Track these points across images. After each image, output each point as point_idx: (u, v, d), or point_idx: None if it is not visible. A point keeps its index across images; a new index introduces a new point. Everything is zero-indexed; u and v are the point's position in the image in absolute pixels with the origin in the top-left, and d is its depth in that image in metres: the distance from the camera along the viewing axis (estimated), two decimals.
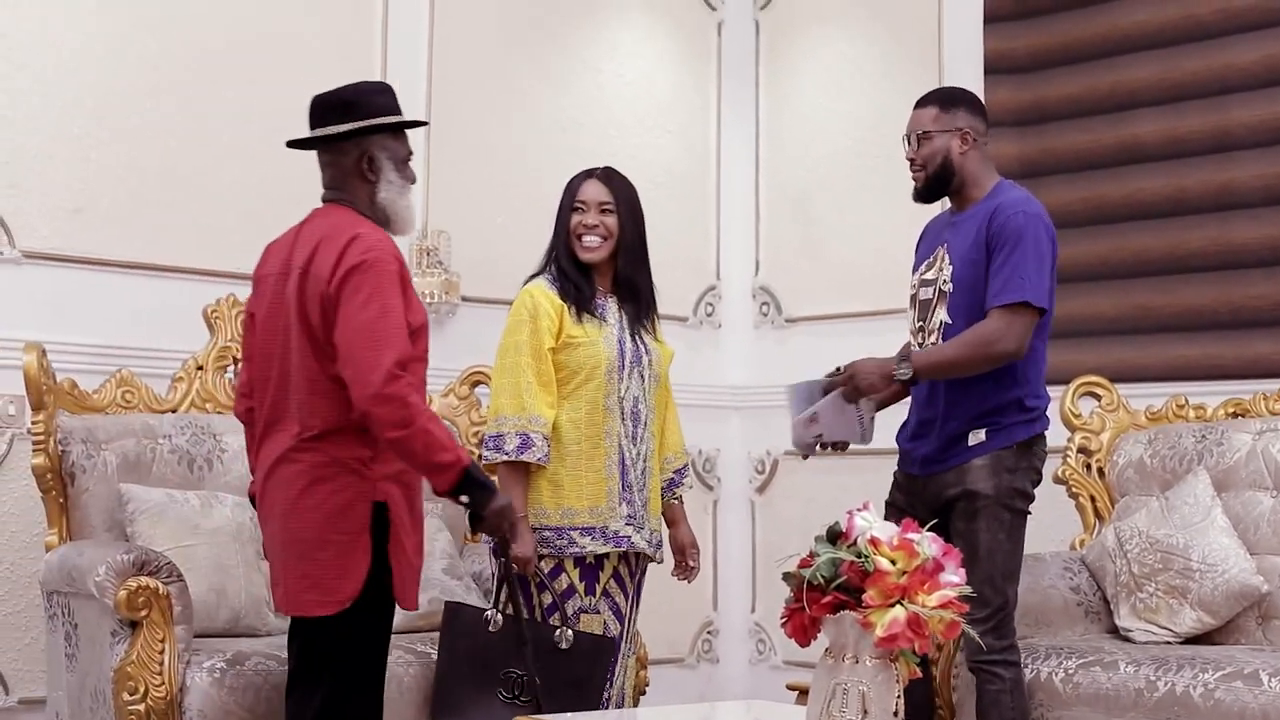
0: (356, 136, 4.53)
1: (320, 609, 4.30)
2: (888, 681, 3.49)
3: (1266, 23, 6.25)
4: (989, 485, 4.89)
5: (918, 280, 5.14)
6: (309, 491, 4.33)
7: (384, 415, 4.21)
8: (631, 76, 7.45)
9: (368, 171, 4.54)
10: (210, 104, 6.16)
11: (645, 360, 5.07)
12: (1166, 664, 4.87)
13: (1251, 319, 6.24)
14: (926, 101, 5.20)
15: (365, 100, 4.57)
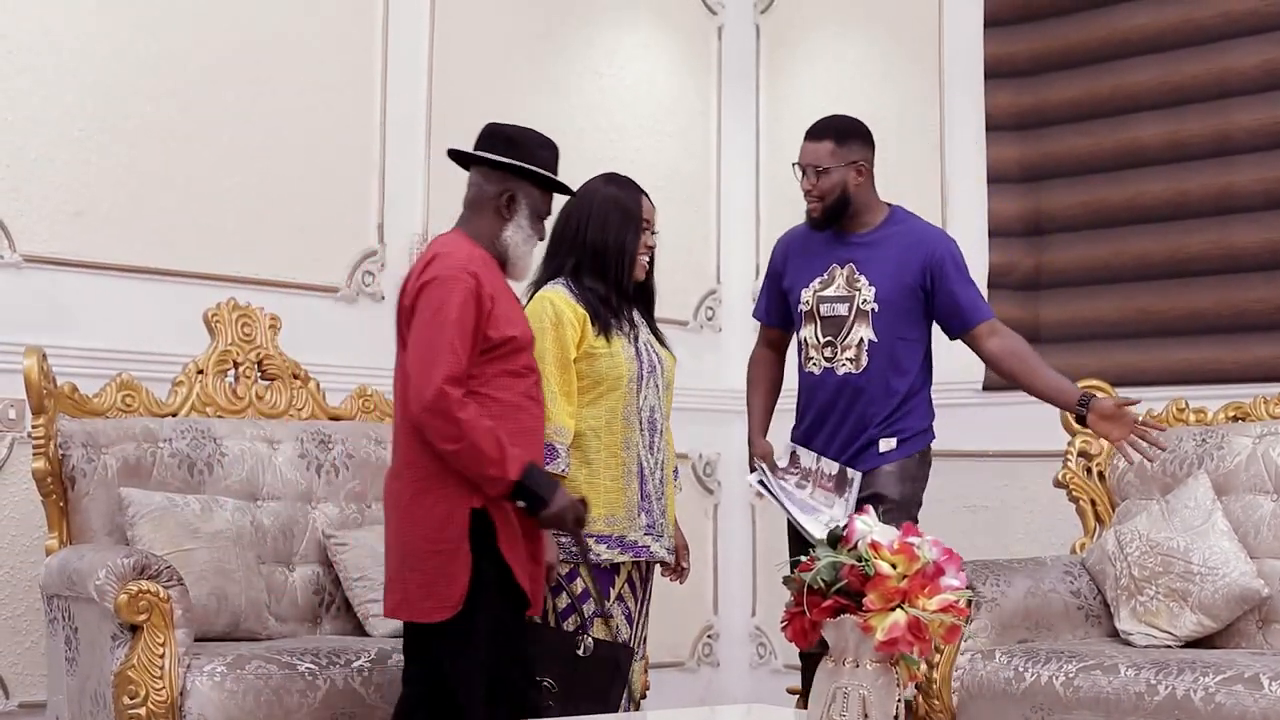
0: (507, 171, 4.71)
1: (435, 614, 4.49)
2: (888, 685, 3.50)
3: (1267, 27, 6.25)
4: (896, 491, 5.32)
5: (814, 296, 5.46)
6: (414, 503, 4.54)
7: (435, 429, 4.44)
8: (632, 80, 7.45)
9: (504, 208, 4.72)
10: (211, 107, 6.17)
11: (658, 369, 5.09)
12: (1167, 668, 4.87)
13: (1252, 323, 6.23)
14: (822, 135, 5.50)
15: (529, 146, 4.75)
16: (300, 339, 6.01)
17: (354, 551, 5.51)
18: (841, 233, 5.48)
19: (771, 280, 5.68)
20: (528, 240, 4.75)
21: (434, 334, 4.47)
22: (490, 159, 4.73)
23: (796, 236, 5.64)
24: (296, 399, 5.88)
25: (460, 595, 4.47)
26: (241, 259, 6.20)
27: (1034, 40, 6.87)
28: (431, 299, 4.51)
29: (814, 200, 5.45)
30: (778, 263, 5.64)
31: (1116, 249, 6.52)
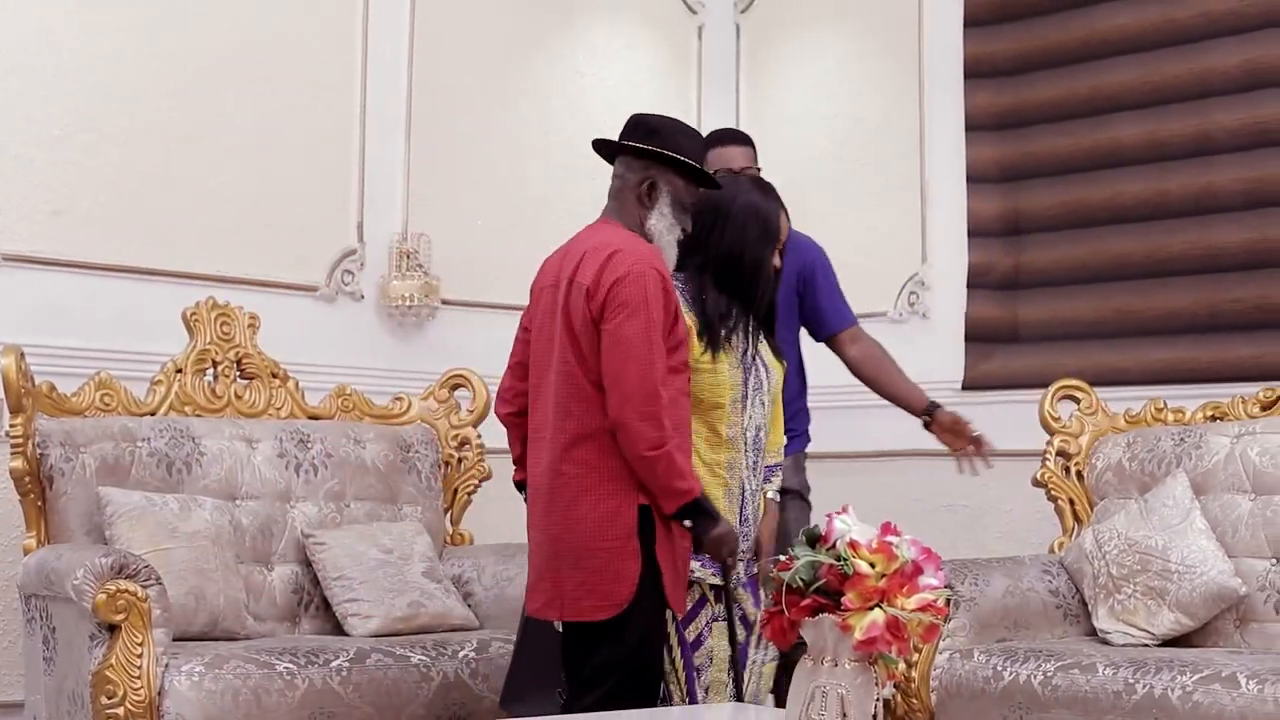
0: (649, 159, 4.67)
1: (598, 613, 4.45)
2: (866, 684, 3.49)
3: (1247, 26, 6.27)
4: (795, 481, 5.54)
5: None
6: (575, 503, 4.49)
7: (639, 432, 4.39)
8: (613, 79, 7.45)
9: (645, 196, 4.68)
10: (191, 108, 6.16)
11: (765, 385, 4.91)
12: (1145, 666, 4.87)
13: (1231, 322, 6.25)
14: (740, 140, 5.67)
15: (671, 134, 4.71)
16: (279, 338, 6.00)
17: (332, 551, 5.50)
18: None
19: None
20: (670, 229, 4.68)
21: (640, 331, 4.41)
22: (632, 146, 4.70)
23: None
24: (275, 398, 5.87)
25: (629, 593, 4.42)
26: (220, 258, 6.20)
27: (1013, 40, 6.88)
28: (630, 295, 4.43)
29: None
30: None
31: (1095, 249, 6.53)
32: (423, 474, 6.00)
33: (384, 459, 5.91)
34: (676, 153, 4.65)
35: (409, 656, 5.09)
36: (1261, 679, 4.62)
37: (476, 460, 6.11)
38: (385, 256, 6.62)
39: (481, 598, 5.72)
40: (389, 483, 5.90)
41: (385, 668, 5.01)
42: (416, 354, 6.65)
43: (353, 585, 5.43)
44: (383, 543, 5.59)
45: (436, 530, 5.94)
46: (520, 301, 6.88)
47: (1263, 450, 5.49)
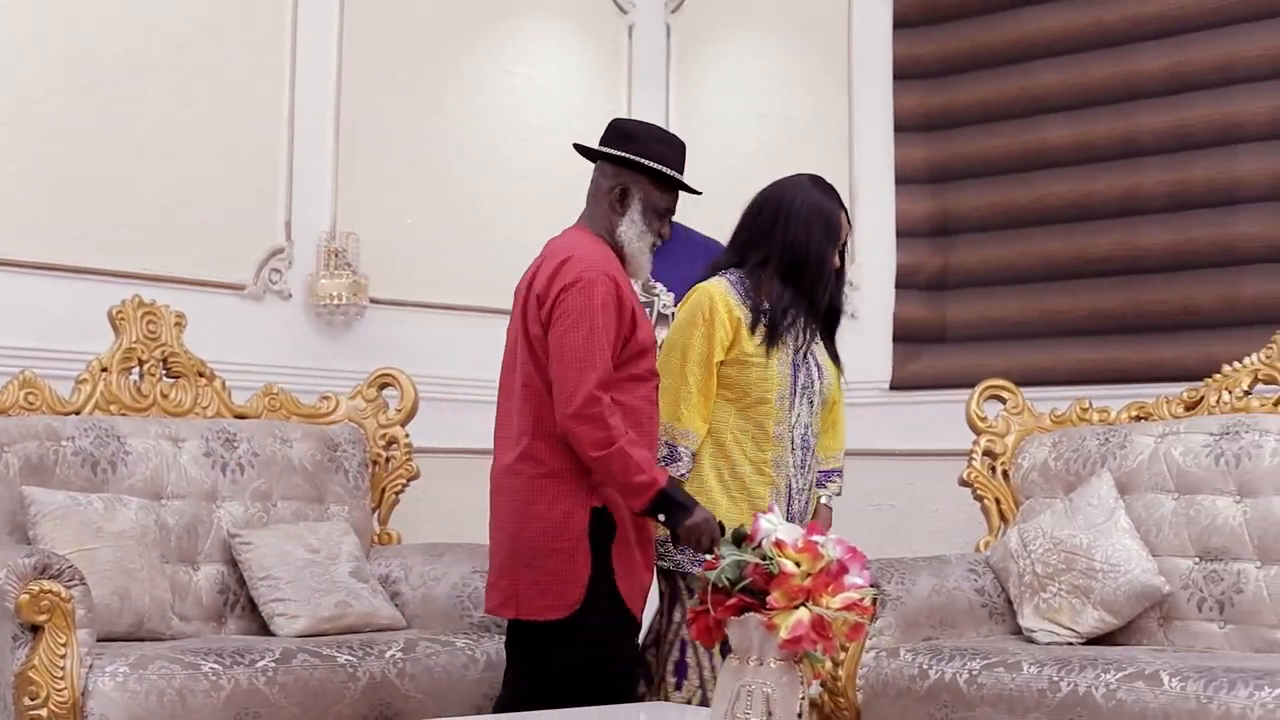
0: (621, 166, 4.68)
1: (550, 613, 4.51)
2: (792, 683, 3.50)
3: (1172, 30, 6.32)
4: None
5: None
6: (531, 502, 4.53)
7: (583, 435, 4.41)
8: (542, 79, 7.43)
9: (617, 203, 4.68)
10: (117, 104, 6.12)
11: (816, 385, 4.92)
12: (1069, 664, 4.90)
13: (1156, 323, 6.30)
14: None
15: (646, 140, 4.72)
16: (206, 337, 5.96)
17: (259, 551, 5.48)
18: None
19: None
20: (642, 237, 4.68)
21: (581, 340, 4.44)
22: (603, 152, 4.71)
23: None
24: (202, 397, 5.84)
25: (578, 595, 4.47)
26: (147, 256, 6.15)
27: (942, 42, 6.91)
28: (576, 303, 4.47)
29: None
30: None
31: (1023, 249, 6.56)
32: (350, 473, 5.97)
33: (311, 458, 5.88)
34: (652, 159, 4.67)
35: (335, 656, 5.06)
36: (1184, 677, 4.66)
37: (404, 460, 6.09)
38: (313, 255, 6.59)
39: (409, 597, 5.70)
40: (316, 482, 5.87)
41: (312, 668, 4.98)
42: (344, 353, 6.62)
43: (279, 585, 5.41)
44: (309, 542, 5.57)
45: (364, 530, 5.92)
46: (449, 300, 6.93)
47: (1186, 450, 5.54)
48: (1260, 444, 5.40)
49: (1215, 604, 5.36)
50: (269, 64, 6.53)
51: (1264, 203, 6.10)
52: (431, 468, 6.32)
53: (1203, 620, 5.37)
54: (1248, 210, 6.14)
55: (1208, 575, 5.40)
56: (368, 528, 5.98)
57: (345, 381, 6.27)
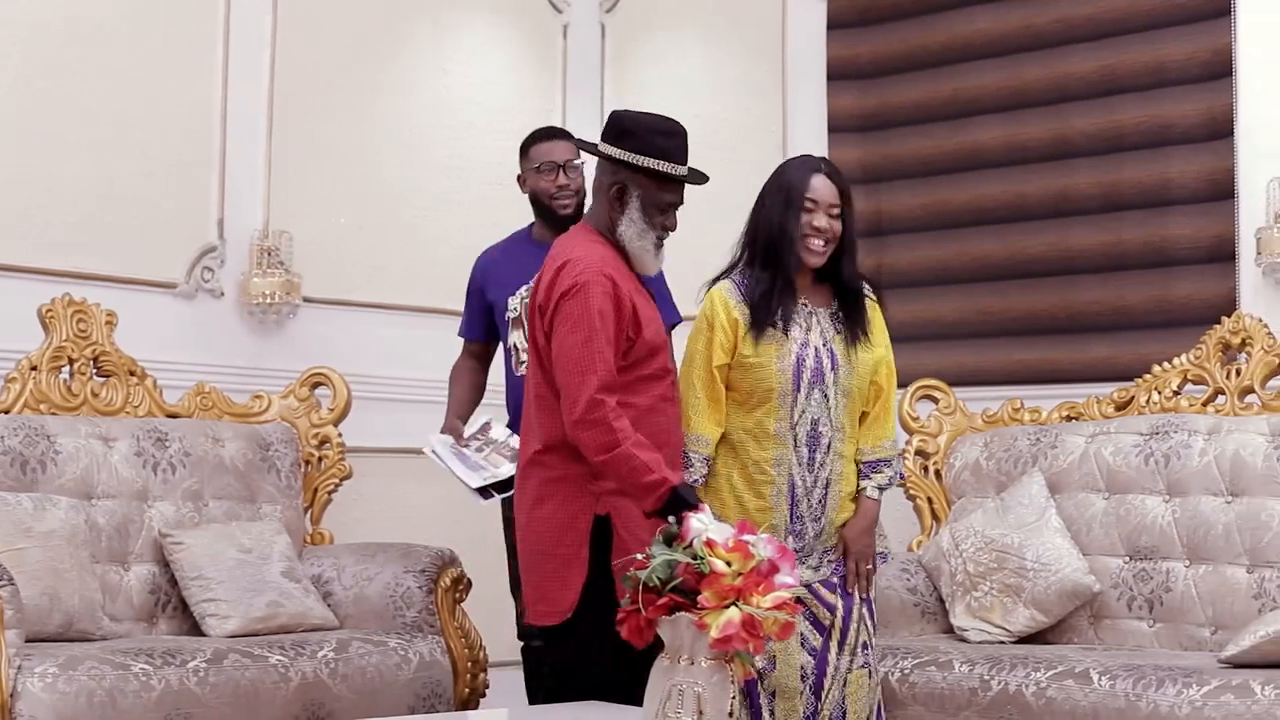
0: (619, 164, 4.58)
1: (547, 619, 4.50)
2: (722, 683, 3.51)
3: (1104, 33, 6.38)
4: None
5: (521, 304, 5.46)
6: (538, 506, 4.51)
7: (588, 440, 4.36)
8: (477, 78, 7.42)
9: (615, 201, 4.59)
10: (47, 100, 6.07)
11: (831, 376, 4.68)
12: (1000, 663, 4.94)
13: (1088, 323, 6.35)
14: (563, 134, 5.65)
15: (644, 134, 4.59)
16: (137, 335, 5.92)
17: (190, 551, 5.45)
18: (541, 243, 5.39)
19: (474, 298, 5.71)
20: (642, 234, 4.58)
21: (579, 345, 4.39)
22: (598, 149, 4.62)
23: (494, 253, 5.72)
24: (133, 396, 5.80)
25: (572, 601, 4.43)
26: (78, 254, 6.11)
27: (876, 43, 6.95)
28: (573, 308, 4.41)
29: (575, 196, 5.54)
30: (478, 280, 5.70)
31: (956, 250, 6.60)
32: (282, 473, 5.95)
33: (243, 458, 5.86)
34: (650, 154, 4.56)
35: (267, 657, 5.05)
36: (1113, 674, 4.71)
37: (337, 459, 6.07)
38: (246, 253, 6.56)
39: (341, 597, 5.68)
40: (248, 482, 5.85)
41: (243, 668, 4.97)
42: (277, 352, 6.59)
43: (211, 585, 5.38)
44: (241, 542, 5.55)
45: (296, 530, 5.90)
46: (382, 299, 6.91)
47: (1116, 450, 5.58)
48: (1189, 444, 5.45)
49: (1145, 602, 5.40)
50: (201, 61, 6.50)
51: (1194, 204, 6.15)
52: (364, 467, 6.31)
53: (1132, 619, 5.42)
54: (1179, 212, 6.19)
55: (1137, 574, 5.44)
56: (300, 527, 5.95)
57: (277, 380, 6.25)
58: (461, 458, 5.36)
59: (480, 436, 5.42)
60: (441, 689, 5.46)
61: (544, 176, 5.50)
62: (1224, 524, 5.32)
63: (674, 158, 4.60)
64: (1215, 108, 6.15)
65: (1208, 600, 5.29)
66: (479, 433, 5.44)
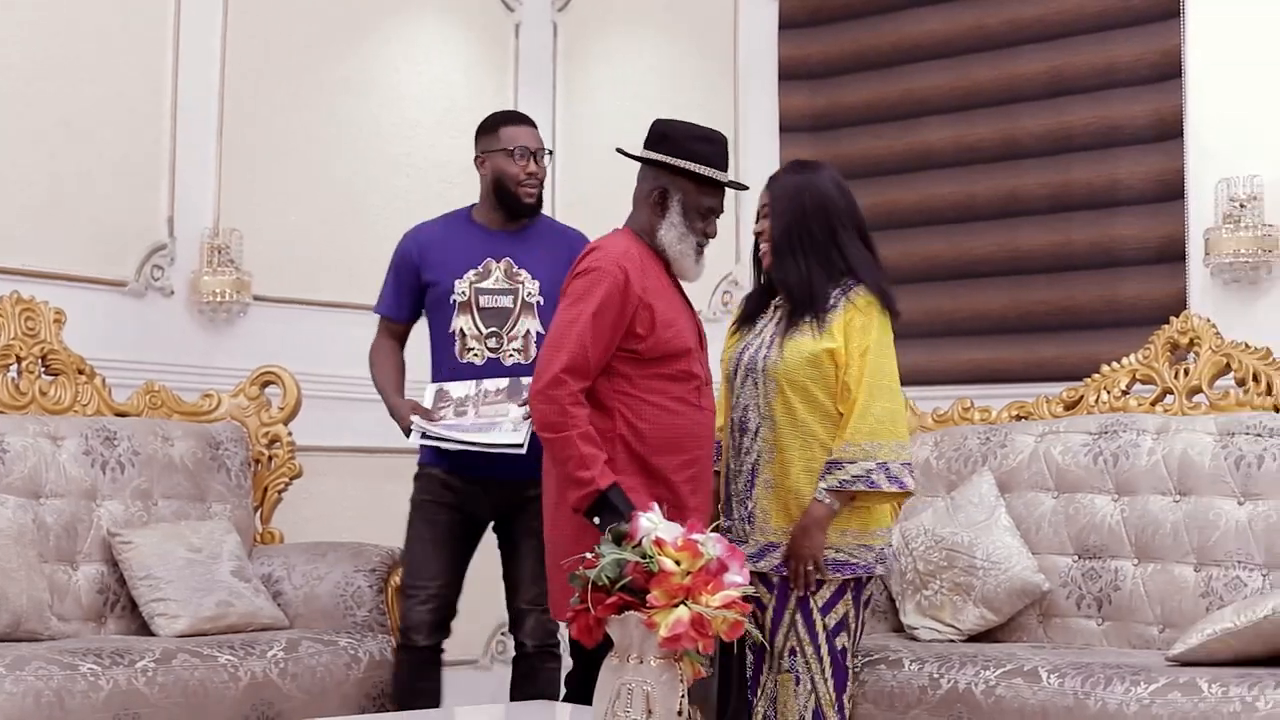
0: (659, 169, 4.64)
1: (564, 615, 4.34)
2: (672, 681, 3.52)
3: (1053, 34, 6.40)
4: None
5: (470, 288, 5.35)
6: (559, 504, 4.52)
7: (539, 415, 4.44)
8: (428, 76, 7.41)
9: (656, 206, 4.65)
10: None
11: (757, 363, 4.72)
12: (950, 661, 4.96)
13: (1038, 323, 6.37)
14: (530, 121, 5.56)
15: (684, 140, 4.66)
16: (86, 333, 5.91)
17: (139, 550, 5.43)
18: (487, 228, 5.43)
19: (405, 276, 5.47)
20: (683, 238, 4.65)
21: (567, 322, 4.46)
22: (641, 156, 4.69)
23: (431, 232, 5.52)
24: (82, 395, 5.78)
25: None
26: (26, 251, 6.08)
27: (827, 43, 6.96)
28: (576, 288, 4.50)
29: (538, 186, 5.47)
30: (413, 258, 5.45)
31: (905, 250, 6.61)
32: (232, 472, 5.93)
33: (193, 457, 5.84)
34: (690, 159, 4.64)
35: (216, 656, 5.04)
36: (1062, 673, 4.73)
37: (287, 458, 6.06)
38: (196, 252, 6.54)
39: (291, 597, 5.67)
40: (197, 481, 5.83)
41: (192, 668, 4.95)
42: (227, 350, 6.57)
43: (160, 585, 5.36)
44: (191, 541, 5.53)
45: (246, 529, 5.88)
46: (332, 298, 6.89)
47: (1065, 449, 5.61)
48: (1137, 443, 5.48)
49: (1094, 601, 5.43)
50: (151, 58, 6.47)
51: (1143, 205, 6.18)
52: (314, 466, 6.29)
53: (1081, 617, 5.44)
54: (1127, 212, 6.22)
55: (1086, 573, 5.46)
56: (250, 527, 5.94)
57: (227, 379, 6.23)
58: (452, 427, 5.19)
59: (444, 404, 5.27)
60: (392, 689, 5.45)
61: (514, 161, 5.38)
62: (1172, 523, 5.35)
63: (714, 163, 4.67)
64: (1164, 109, 6.18)
65: (1156, 599, 5.32)
66: (439, 402, 5.27)
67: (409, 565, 5.41)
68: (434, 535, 5.35)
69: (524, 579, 5.36)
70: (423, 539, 5.36)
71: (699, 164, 4.64)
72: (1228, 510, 5.26)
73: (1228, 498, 5.28)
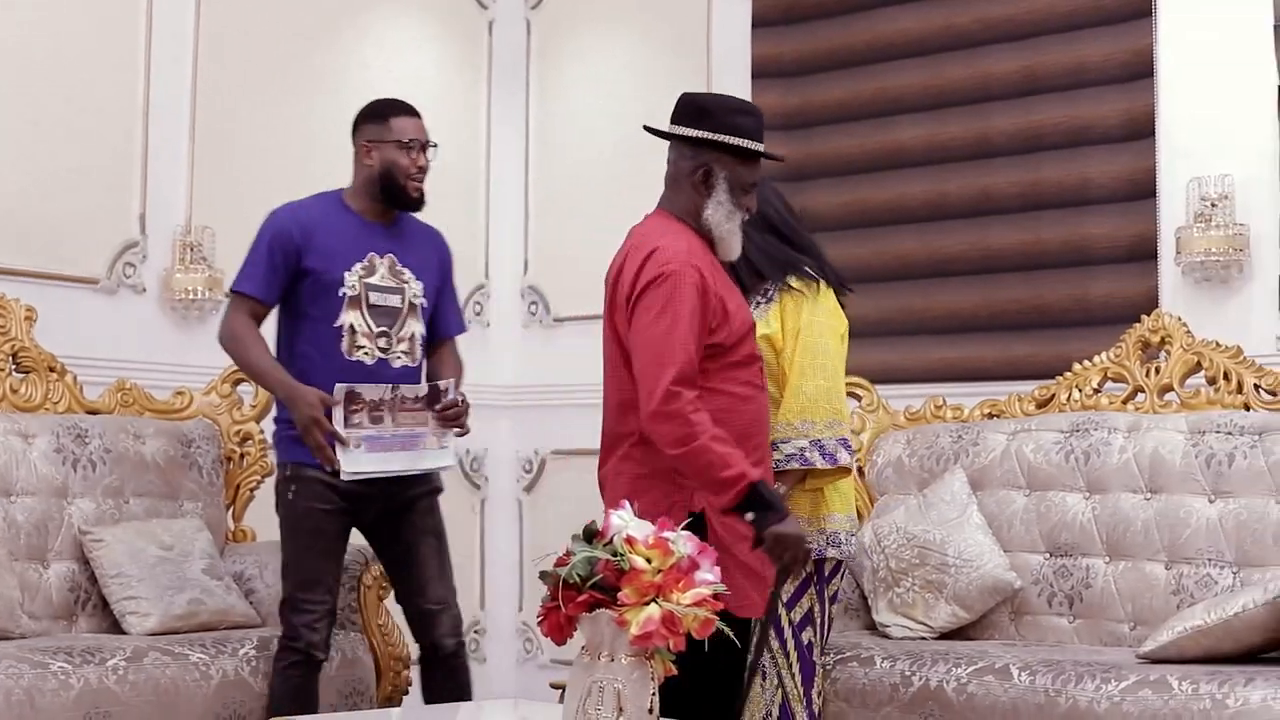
0: (700, 146, 4.47)
1: None
2: (643, 679, 3.51)
3: (1024, 33, 6.41)
4: (442, 481, 5.39)
5: (360, 283, 5.19)
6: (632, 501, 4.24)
7: (663, 434, 4.24)
8: (401, 73, 7.40)
9: (701, 185, 4.47)
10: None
11: None
12: (921, 659, 4.97)
13: (1009, 322, 6.38)
14: (416, 112, 5.37)
15: (723, 114, 4.50)
16: (57, 331, 5.90)
17: (111, 548, 5.42)
18: (364, 218, 5.29)
19: (282, 257, 5.17)
20: (730, 216, 4.47)
21: (661, 335, 4.26)
22: (681, 134, 4.51)
23: (310, 214, 5.28)
24: (53, 392, 5.76)
25: None
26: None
27: (800, 41, 6.96)
28: (658, 296, 4.29)
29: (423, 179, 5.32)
30: (295, 240, 5.19)
31: (878, 249, 6.62)
32: (204, 470, 5.92)
33: (164, 455, 5.83)
34: (732, 133, 4.46)
35: (188, 655, 5.04)
36: (1033, 670, 4.75)
37: (259, 456, 6.05)
38: (168, 249, 6.52)
39: (263, 595, 5.66)
40: (169, 479, 5.82)
41: (163, 666, 4.95)
42: (199, 348, 6.54)
43: (131, 583, 5.35)
44: (162, 540, 5.52)
45: (218, 527, 5.87)
46: None
47: (1037, 447, 5.63)
48: (1109, 441, 5.50)
49: (1065, 599, 5.45)
50: (123, 55, 6.45)
51: (1114, 204, 6.20)
52: None
53: (1053, 615, 5.46)
54: (1099, 211, 6.24)
55: (1058, 570, 5.48)
56: (222, 525, 5.93)
57: (200, 377, 6.21)
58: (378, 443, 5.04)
59: (356, 406, 5.01)
60: (364, 686, 5.45)
61: (406, 153, 5.24)
62: (1143, 521, 5.37)
63: (756, 136, 4.52)
64: (1135, 108, 6.19)
65: (1127, 596, 5.34)
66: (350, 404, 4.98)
67: (299, 578, 5.12)
68: (325, 546, 5.15)
69: (430, 579, 5.25)
70: (312, 550, 5.13)
71: (744, 138, 4.48)
72: (1198, 508, 5.29)
73: (1198, 496, 5.30)
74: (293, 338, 5.21)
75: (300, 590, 5.09)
